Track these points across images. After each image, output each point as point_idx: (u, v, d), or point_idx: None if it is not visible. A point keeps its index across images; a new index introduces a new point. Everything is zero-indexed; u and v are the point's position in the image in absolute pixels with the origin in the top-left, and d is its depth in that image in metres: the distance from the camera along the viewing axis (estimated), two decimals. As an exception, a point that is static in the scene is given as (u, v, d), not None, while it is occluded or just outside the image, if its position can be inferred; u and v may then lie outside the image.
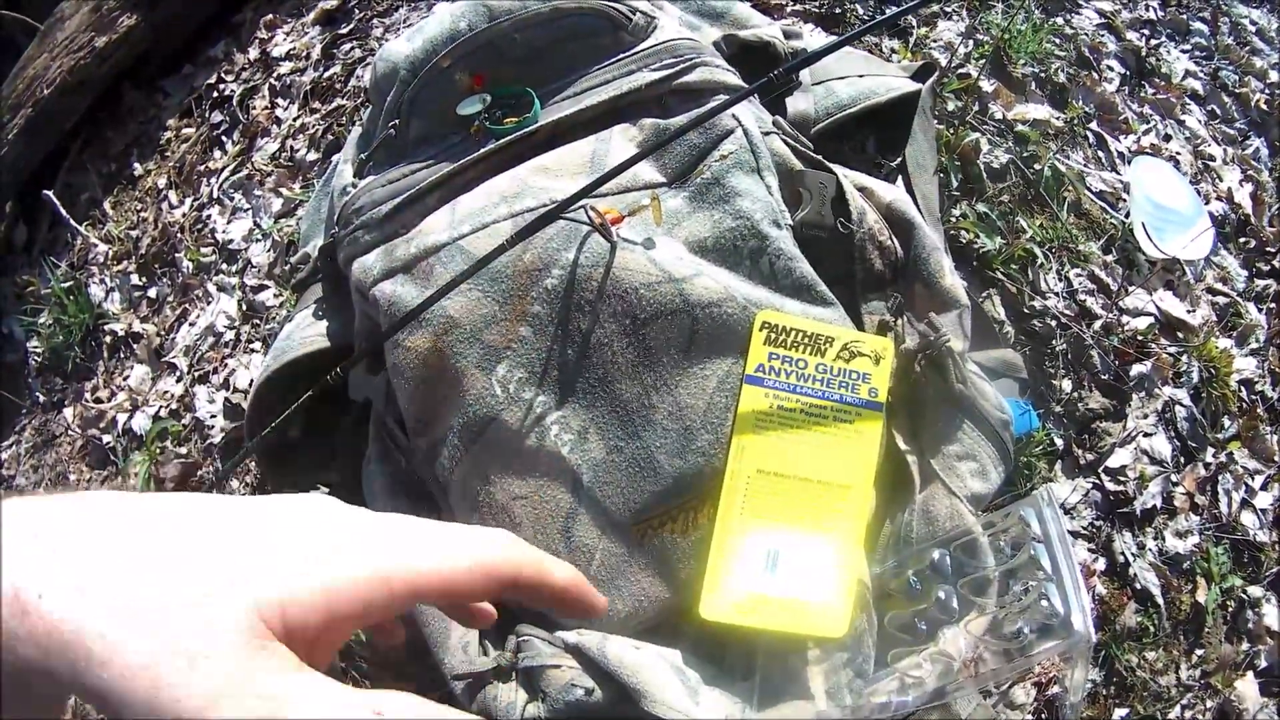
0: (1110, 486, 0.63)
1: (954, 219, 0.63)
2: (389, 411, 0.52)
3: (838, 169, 0.54)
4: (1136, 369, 0.65)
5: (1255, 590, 0.70)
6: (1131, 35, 0.86)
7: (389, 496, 0.51)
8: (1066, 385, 0.62)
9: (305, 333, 0.57)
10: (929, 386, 0.50)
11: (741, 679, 0.49)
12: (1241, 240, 0.83)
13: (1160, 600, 0.65)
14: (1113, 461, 0.63)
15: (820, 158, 0.55)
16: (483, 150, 0.52)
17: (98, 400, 0.80)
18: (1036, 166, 0.67)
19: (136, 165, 0.86)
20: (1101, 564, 0.63)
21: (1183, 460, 0.68)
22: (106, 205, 0.87)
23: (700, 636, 0.49)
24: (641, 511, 0.47)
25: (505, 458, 0.46)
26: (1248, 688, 0.69)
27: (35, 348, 0.90)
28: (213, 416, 0.68)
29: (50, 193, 0.89)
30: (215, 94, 0.82)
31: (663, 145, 0.49)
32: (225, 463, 0.66)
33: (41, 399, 0.89)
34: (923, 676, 0.48)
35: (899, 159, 0.62)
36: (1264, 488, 0.72)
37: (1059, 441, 0.62)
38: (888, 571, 0.49)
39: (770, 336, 0.47)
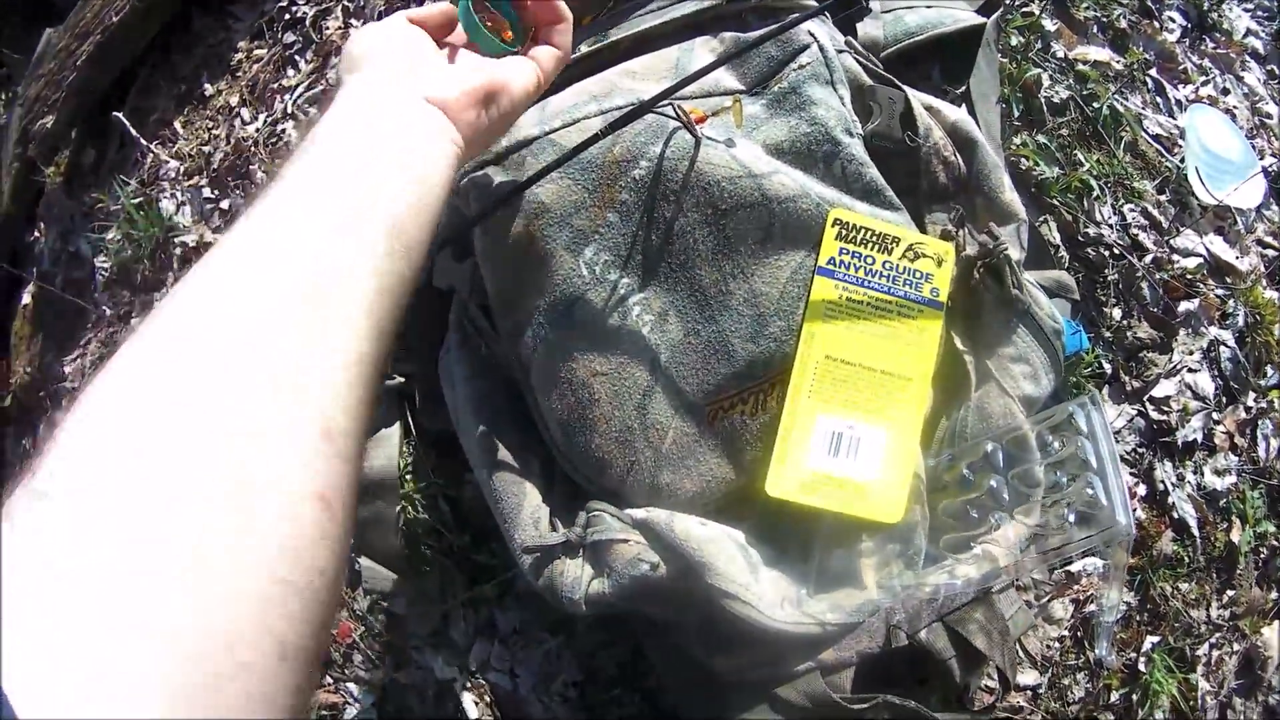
0: (1154, 415, 0.67)
1: (1014, 147, 0.67)
2: (472, 298, 0.57)
3: (906, 88, 0.59)
4: (1184, 306, 0.69)
5: (1288, 538, 0.74)
6: (1194, -12, 0.89)
7: (468, 380, 0.57)
8: (1116, 313, 0.66)
9: (390, 229, 0.62)
10: (987, 292, 0.54)
11: (799, 563, 0.54)
12: (1294, 197, 0.86)
13: (1196, 533, 0.69)
14: (1157, 391, 0.67)
15: (890, 76, 0.59)
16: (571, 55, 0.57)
17: (167, 309, 0.85)
18: (1095, 105, 0.70)
19: (207, 86, 0.91)
20: (1142, 490, 0.67)
21: (1224, 400, 0.72)
22: (177, 124, 0.92)
23: (762, 520, 0.54)
24: (714, 393, 0.52)
25: (588, 336, 0.51)
26: (1273, 636, 0.73)
27: (103, 263, 0.96)
28: (287, 318, 0.73)
29: (120, 114, 0.94)
30: (287, 16, 0.87)
31: (743, 54, 0.54)
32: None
33: (109, 312, 0.95)
34: (969, 572, 0.53)
35: (963, 88, 0.66)
36: (1304, 437, 0.75)
37: (1107, 366, 0.66)
38: (942, 464, 0.54)
39: (841, 233, 0.51)
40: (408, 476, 0.65)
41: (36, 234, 1.06)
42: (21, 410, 1.07)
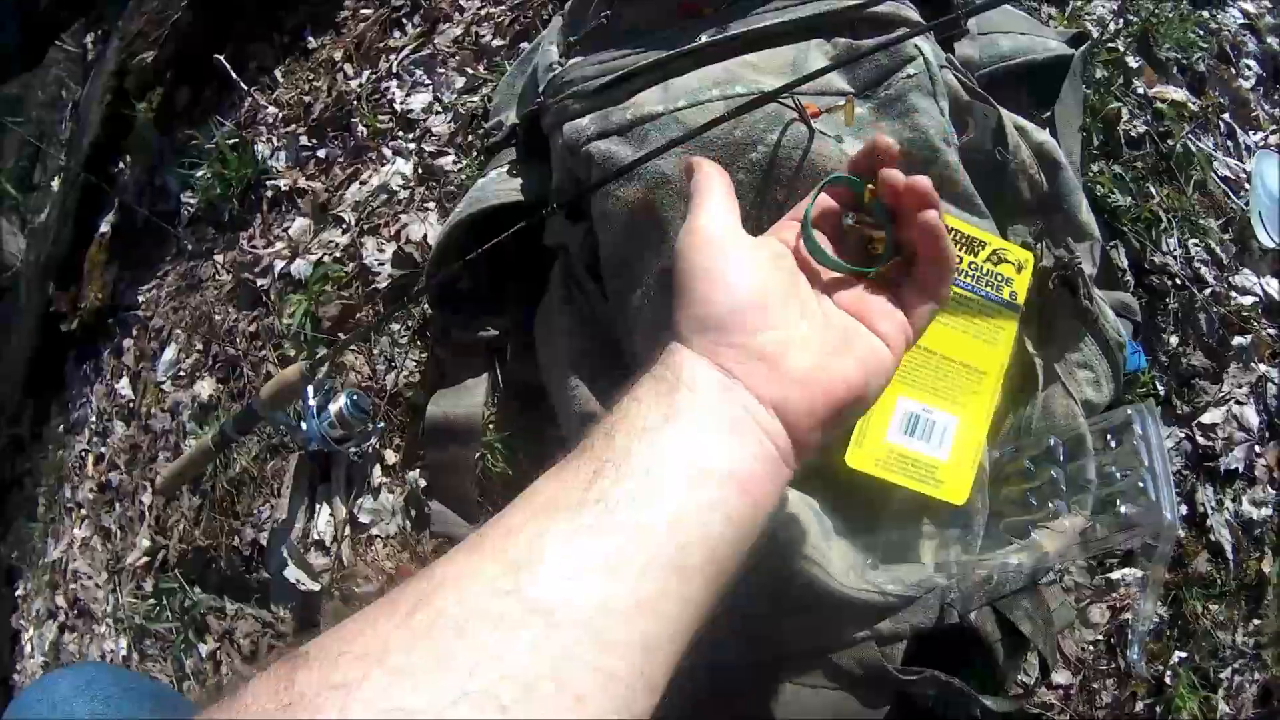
0: (1201, 440, 0.72)
1: (1091, 173, 0.72)
2: (581, 258, 0.62)
3: (1000, 107, 0.64)
4: (1237, 340, 0.74)
5: (1316, 576, 0.78)
6: (1271, 39, 0.94)
7: (570, 335, 0.62)
8: (1173, 340, 0.71)
9: (500, 186, 0.68)
10: (1059, 301, 0.59)
11: (865, 536, 0.59)
12: (1349, 251, 0.91)
13: (1230, 557, 0.74)
14: (1206, 418, 0.72)
15: (985, 94, 0.64)
16: (691, 45, 0.62)
17: (253, 248, 0.91)
18: (1170, 142, 0.76)
19: (311, 39, 0.97)
20: (1183, 510, 0.72)
21: (1268, 435, 0.76)
22: (277, 74, 0.98)
23: (836, 491, 0.59)
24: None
25: (692, 301, 0.56)
26: (1294, 670, 0.77)
27: (189, 199, 1.02)
28: (381, 264, 0.79)
29: (220, 57, 1.00)
30: (396, -20, 0.93)
31: (856, 60, 0.59)
32: (388, 307, 0.77)
33: (190, 247, 1.01)
34: (1022, 558, 0.58)
35: (1048, 114, 0.71)
36: (1340, 482, 0.80)
37: (1160, 388, 0.71)
38: (1006, 455, 0.59)
39: (936, 230, 0.56)
40: (490, 426, 0.70)
41: (122, 165, 1.12)
42: (87, 334, 1.13)
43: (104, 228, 1.13)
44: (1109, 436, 0.57)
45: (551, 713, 0.24)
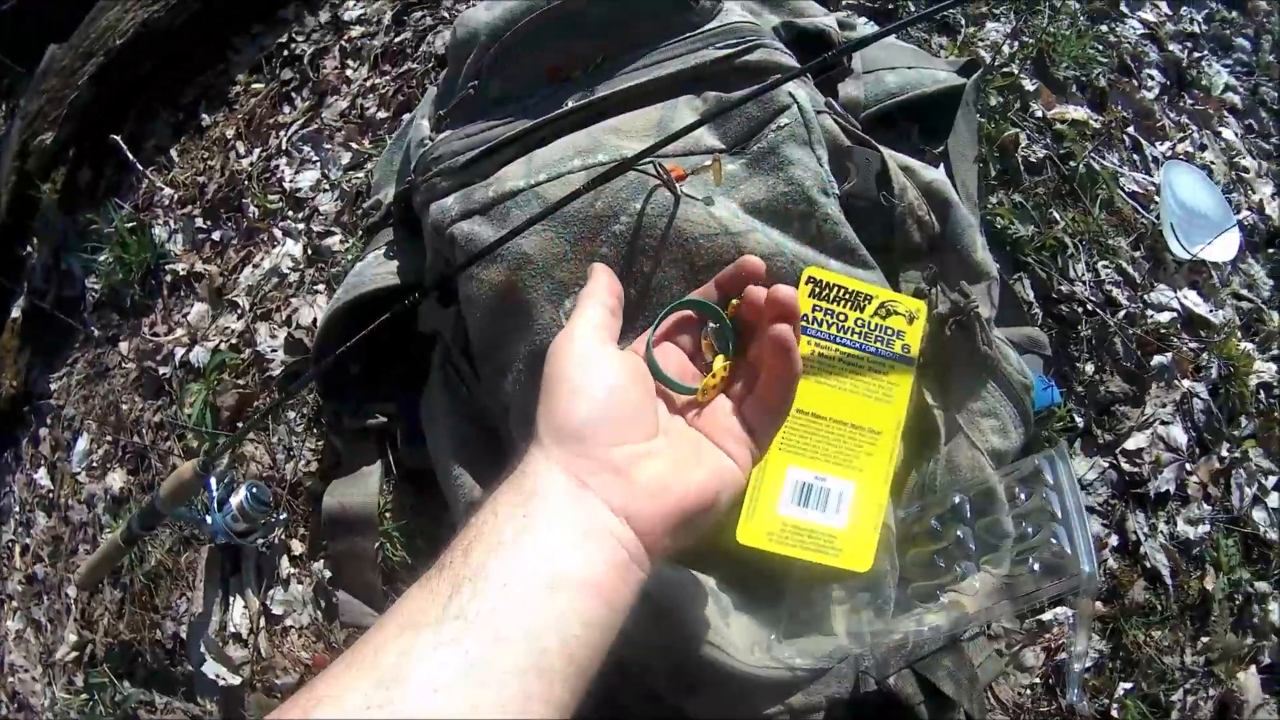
0: (1126, 467, 0.70)
1: (990, 205, 0.70)
2: (456, 342, 0.59)
3: (883, 148, 0.62)
4: (1157, 359, 0.72)
5: (1263, 585, 0.76)
6: (1174, 46, 0.94)
7: (450, 421, 0.59)
8: (1089, 368, 0.69)
9: (377, 270, 0.65)
10: (957, 348, 0.57)
11: (769, 609, 0.56)
12: (1270, 251, 0.90)
13: (1169, 582, 0.72)
14: (1130, 444, 0.70)
15: (867, 137, 0.62)
16: (558, 111, 0.60)
17: (155, 335, 0.88)
18: (1072, 163, 0.74)
19: (205, 116, 0.95)
20: (1114, 540, 0.70)
21: (1198, 451, 0.75)
22: (173, 152, 0.96)
23: (734, 566, 0.57)
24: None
25: (567, 384, 0.54)
26: (1250, 681, 0.75)
27: (93, 284, 0.99)
28: (273, 350, 0.76)
29: (118, 137, 0.98)
30: (286, 52, 0.90)
31: (724, 113, 0.57)
32: (282, 392, 0.74)
33: (96, 333, 0.98)
34: (938, 620, 0.55)
35: (941, 148, 0.70)
36: (1277, 488, 0.78)
37: (1079, 420, 0.69)
38: (911, 515, 0.56)
39: (815, 290, 0.54)
40: (387, 514, 0.67)
41: (30, 248, 1.09)
42: (4, 423, 1.10)
43: (15, 313, 1.09)
44: (1018, 488, 0.55)
45: None
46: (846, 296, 0.55)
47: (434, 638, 0.29)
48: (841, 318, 0.55)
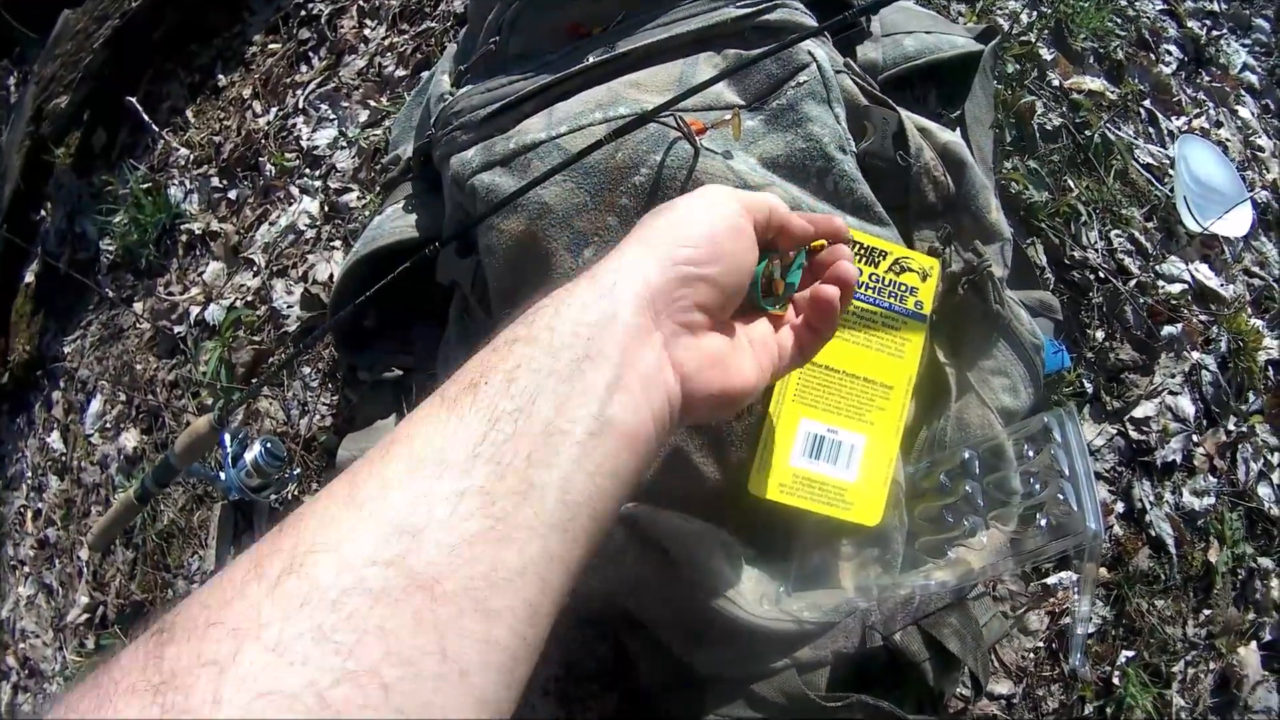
0: (1134, 435, 0.70)
1: (1005, 171, 0.70)
2: (474, 293, 0.60)
3: (900, 109, 0.62)
4: (1167, 330, 0.73)
5: (1266, 562, 0.77)
6: (1193, 24, 0.94)
7: (468, 371, 0.60)
8: (1099, 335, 0.70)
9: (395, 224, 0.66)
10: (970, 307, 0.58)
11: (780, 562, 0.57)
12: (1284, 230, 0.90)
13: (1173, 551, 0.72)
14: (1138, 412, 0.70)
15: (884, 97, 0.63)
16: (578, 66, 0.61)
17: (170, 294, 0.89)
18: (1087, 133, 0.74)
19: (221, 77, 0.95)
20: (1120, 507, 0.70)
21: (1205, 423, 0.75)
22: (189, 113, 0.96)
23: (745, 518, 0.57)
24: (702, 392, 0.55)
25: (584, 333, 0.55)
26: (1250, 656, 0.76)
27: (108, 246, 0.99)
28: (289, 306, 0.77)
29: (133, 99, 0.98)
30: (303, 12, 0.91)
31: (744, 68, 0.58)
32: (298, 346, 0.74)
33: (111, 295, 0.99)
34: (944, 576, 0.56)
35: (958, 112, 0.70)
36: (1284, 464, 0.79)
37: (1088, 386, 0.69)
38: (921, 471, 0.57)
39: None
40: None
41: (43, 213, 1.09)
42: (18, 387, 1.11)
43: (28, 278, 1.10)
44: (1026, 446, 0.56)
45: (436, 688, 0.23)
46: (862, 252, 0.56)
47: (460, 482, 0.25)
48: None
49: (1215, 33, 0.97)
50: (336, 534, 0.24)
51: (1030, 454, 0.56)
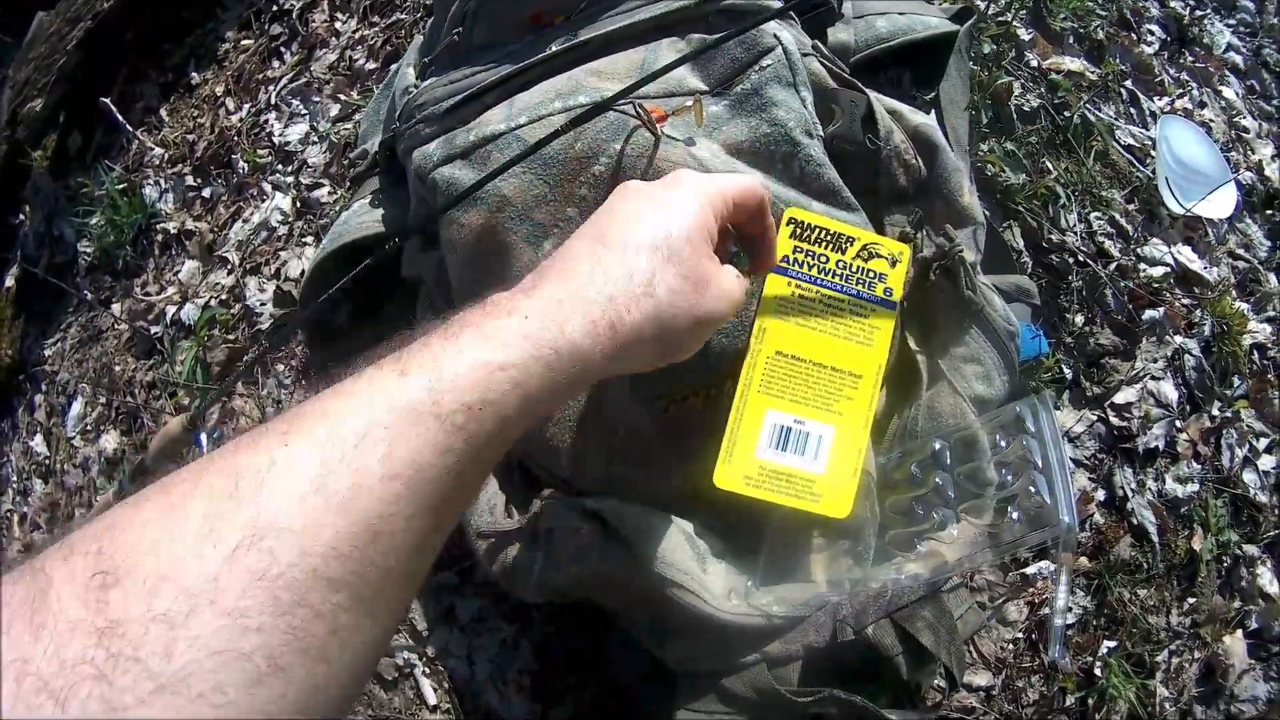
0: (1115, 421, 0.69)
1: (981, 153, 0.69)
2: (439, 287, 0.59)
3: (870, 92, 0.61)
4: (1149, 314, 0.71)
5: (1251, 549, 0.75)
6: (1176, 3, 0.92)
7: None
8: (1079, 319, 0.68)
9: (362, 219, 0.64)
10: (941, 292, 0.56)
11: (748, 556, 0.56)
12: (1269, 212, 0.88)
13: (1155, 540, 0.71)
14: (1119, 398, 0.69)
15: (853, 79, 0.61)
16: (540, 55, 0.59)
17: (146, 294, 0.88)
18: (1067, 114, 0.73)
19: (194, 75, 0.94)
20: (1100, 495, 0.69)
21: (1188, 409, 0.74)
22: (163, 112, 0.95)
23: (712, 512, 0.56)
24: (667, 385, 0.54)
25: (546, 326, 0.53)
26: (1235, 645, 0.74)
27: (85, 248, 0.98)
28: (262, 304, 0.75)
29: (108, 100, 0.97)
30: (274, 7, 0.89)
31: (706, 53, 0.56)
32: (264, 348, 0.74)
33: (89, 297, 0.98)
34: (917, 569, 0.55)
35: (932, 94, 0.68)
36: (1268, 450, 0.77)
37: (1067, 372, 0.68)
38: (892, 461, 0.56)
39: (796, 230, 0.53)
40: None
41: (21, 216, 1.09)
42: (1, 392, 1.10)
43: (9, 282, 1.09)
44: (999, 435, 0.54)
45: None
46: (828, 238, 0.54)
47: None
48: (823, 259, 0.54)
49: (1199, 13, 0.94)
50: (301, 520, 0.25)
51: (1003, 444, 0.55)
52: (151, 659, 0.21)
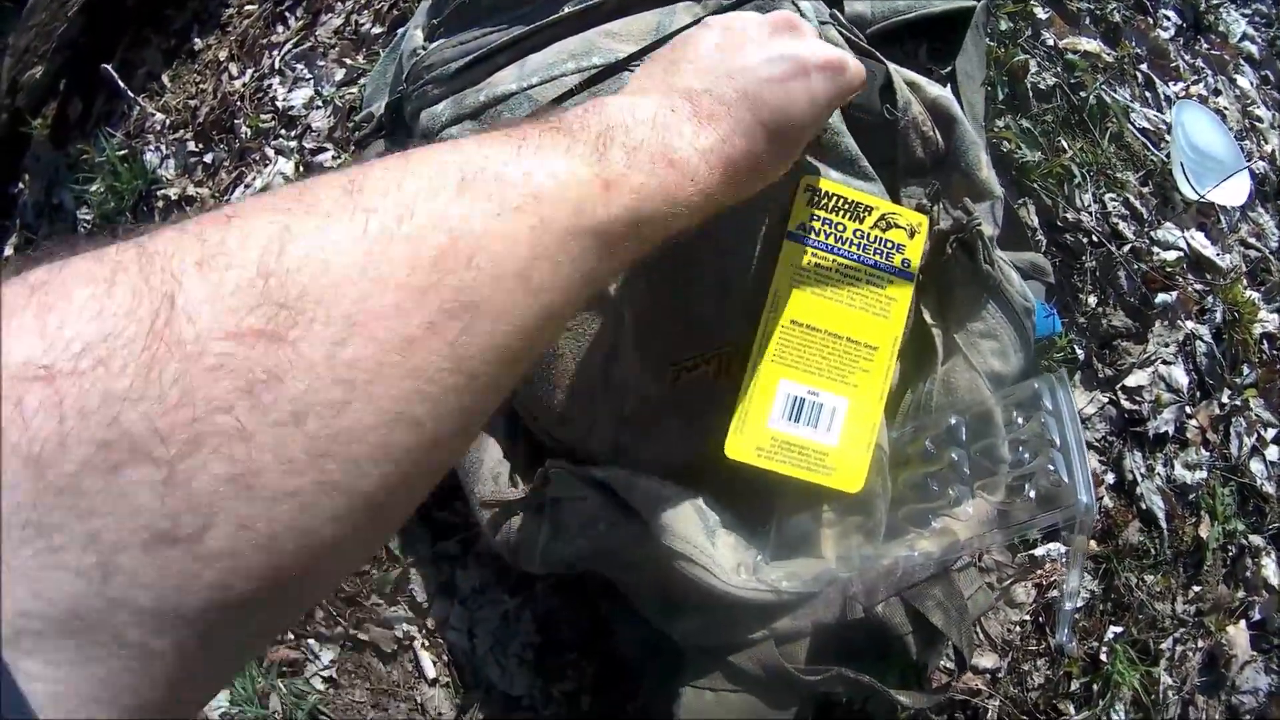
0: (1126, 404, 0.67)
1: (997, 129, 0.67)
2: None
3: (888, 63, 0.59)
4: (1161, 297, 0.69)
5: (1257, 539, 0.74)
6: (1192, -12, 0.90)
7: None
8: (1091, 300, 0.67)
9: (366, 183, 0.62)
10: (958, 266, 0.55)
11: (758, 529, 0.55)
12: (1280, 202, 0.87)
13: (1164, 525, 0.70)
14: (1130, 381, 0.67)
15: (872, 49, 0.59)
16: (553, 16, 0.57)
17: (146, 263, 0.86)
18: (1082, 94, 0.71)
19: (197, 40, 0.91)
20: (1110, 478, 0.67)
21: (1198, 395, 0.72)
22: (165, 78, 0.92)
23: (722, 484, 0.54)
24: (678, 354, 0.52)
25: (555, 291, 0.51)
26: (1239, 635, 0.73)
27: (86, 216, 0.96)
28: (263, 272, 0.73)
29: (109, 66, 0.94)
30: (280, -26, 0.87)
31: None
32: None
33: (87, 264, 0.96)
34: (929, 546, 0.53)
35: (948, 68, 0.66)
36: (1276, 441, 0.76)
37: (1079, 352, 0.66)
38: (905, 436, 0.54)
39: (812, 198, 0.51)
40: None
41: (21, 185, 1.06)
42: (-2, 363, 1.08)
43: (8, 251, 1.07)
44: (1016, 412, 0.53)
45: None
46: (846, 207, 0.52)
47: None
48: (840, 228, 0.52)
49: (1215, 1, 0.93)
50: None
51: (1020, 421, 0.53)
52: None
